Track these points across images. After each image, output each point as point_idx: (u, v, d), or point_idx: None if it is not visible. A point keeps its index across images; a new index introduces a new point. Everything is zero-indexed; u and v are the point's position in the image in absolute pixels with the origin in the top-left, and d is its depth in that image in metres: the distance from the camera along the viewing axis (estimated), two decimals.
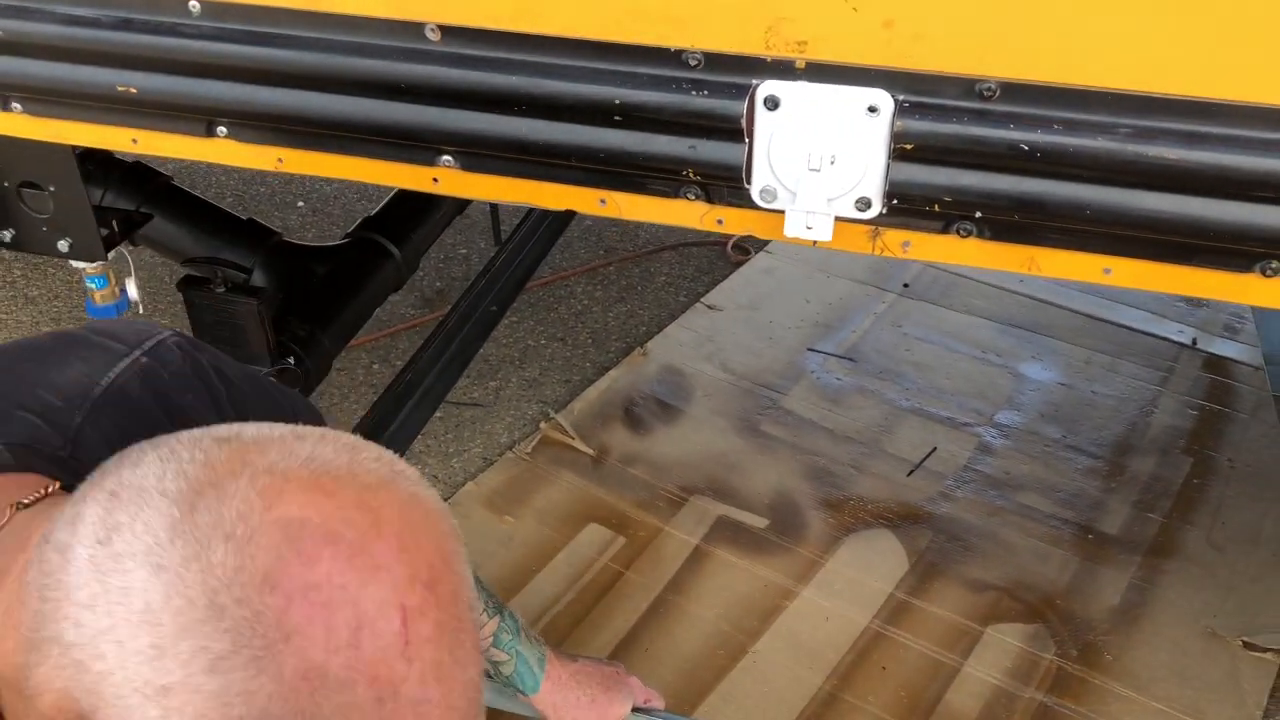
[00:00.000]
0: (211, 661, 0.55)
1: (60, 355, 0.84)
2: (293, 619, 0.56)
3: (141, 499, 0.59)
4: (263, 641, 0.56)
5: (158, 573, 0.56)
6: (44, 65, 1.08)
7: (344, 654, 0.57)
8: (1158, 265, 0.90)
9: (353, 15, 0.98)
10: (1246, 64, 0.80)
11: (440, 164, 1.03)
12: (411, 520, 0.62)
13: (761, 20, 0.87)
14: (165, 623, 0.55)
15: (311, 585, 0.57)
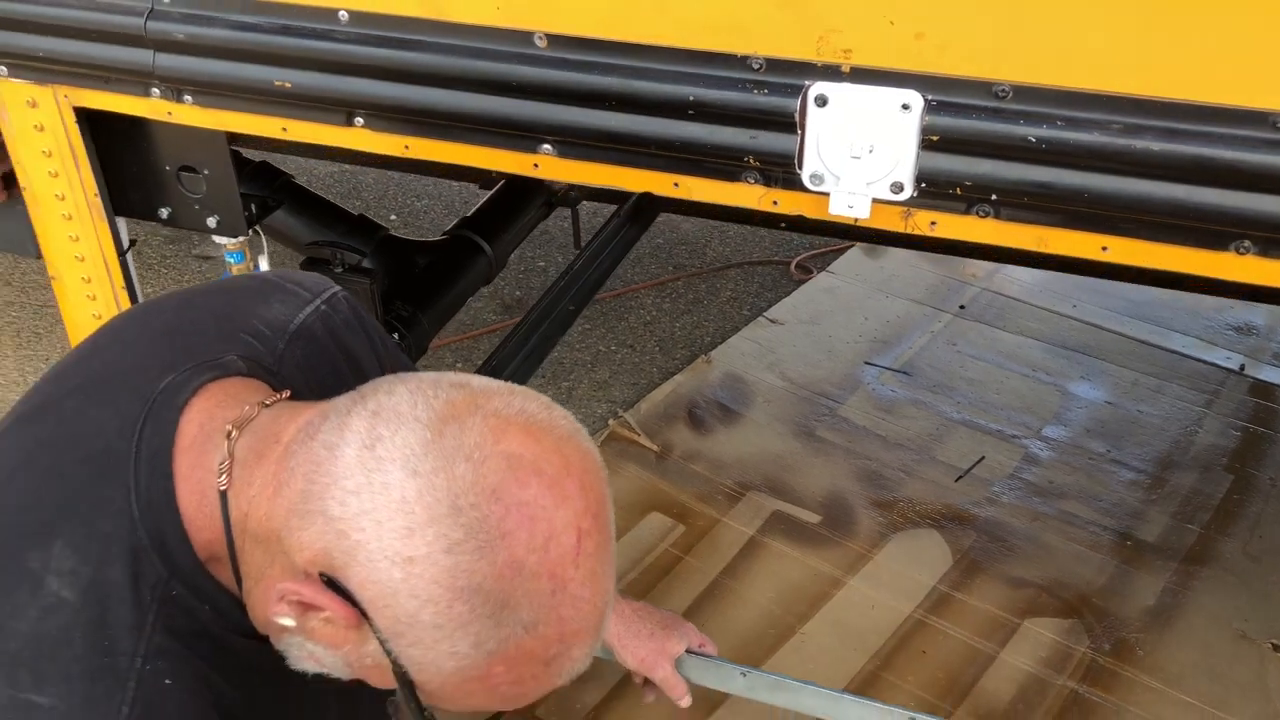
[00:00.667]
0: (449, 545, 0.76)
1: (264, 295, 1.04)
2: (508, 524, 0.77)
3: (399, 420, 0.79)
4: (486, 536, 0.76)
5: (413, 476, 0.76)
6: (215, 64, 1.29)
7: (538, 554, 0.78)
8: (1147, 244, 1.05)
9: (473, 25, 1.17)
10: (1218, 72, 0.96)
11: (540, 151, 1.22)
12: (588, 467, 0.83)
13: (814, 32, 1.05)
14: (417, 512, 0.76)
15: (523, 502, 0.77)
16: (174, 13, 1.28)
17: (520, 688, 0.82)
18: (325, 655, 0.85)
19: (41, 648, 0.80)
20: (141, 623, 0.82)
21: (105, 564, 0.82)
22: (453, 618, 0.77)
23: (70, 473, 0.87)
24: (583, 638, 0.83)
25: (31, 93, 1.43)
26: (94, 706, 0.79)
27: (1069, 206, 1.05)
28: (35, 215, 1.55)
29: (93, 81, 1.39)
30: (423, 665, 0.80)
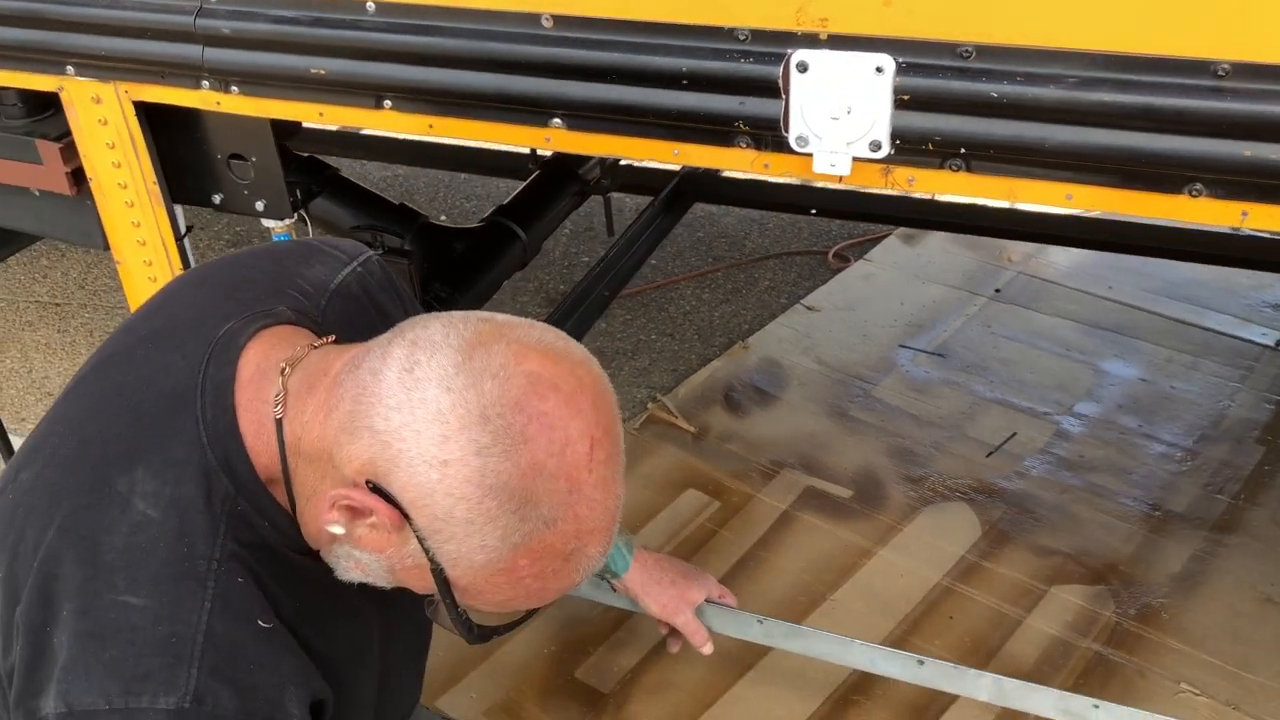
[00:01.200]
0: (479, 448, 0.87)
1: (306, 257, 1.17)
2: (530, 431, 0.88)
3: (433, 347, 0.91)
4: (510, 441, 0.88)
5: (447, 392, 0.88)
6: (257, 55, 1.41)
7: (556, 458, 0.89)
8: (1108, 190, 1.12)
9: (486, 9, 1.28)
10: (1164, 25, 1.03)
11: (551, 125, 1.32)
12: (599, 388, 0.95)
13: (793, 3, 1.14)
14: (450, 421, 0.88)
15: (543, 413, 0.89)
16: (220, 10, 1.41)
17: (542, 582, 0.93)
18: (370, 561, 0.96)
19: (133, 557, 0.93)
20: (215, 531, 0.95)
21: (181, 483, 0.95)
22: (482, 513, 0.88)
23: (146, 409, 1.00)
24: (597, 536, 0.94)
25: (96, 89, 1.57)
26: (180, 603, 0.92)
27: (1033, 157, 1.12)
28: (101, 204, 1.69)
29: (149, 77, 1.52)
30: (456, 560, 0.91)
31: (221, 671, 0.91)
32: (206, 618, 0.92)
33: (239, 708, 0.91)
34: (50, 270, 3.70)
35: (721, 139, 1.25)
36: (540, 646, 2.23)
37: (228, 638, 0.93)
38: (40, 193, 1.98)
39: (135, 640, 0.90)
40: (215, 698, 0.90)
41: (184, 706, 0.89)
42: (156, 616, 0.91)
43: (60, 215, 2.01)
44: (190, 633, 0.91)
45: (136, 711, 0.88)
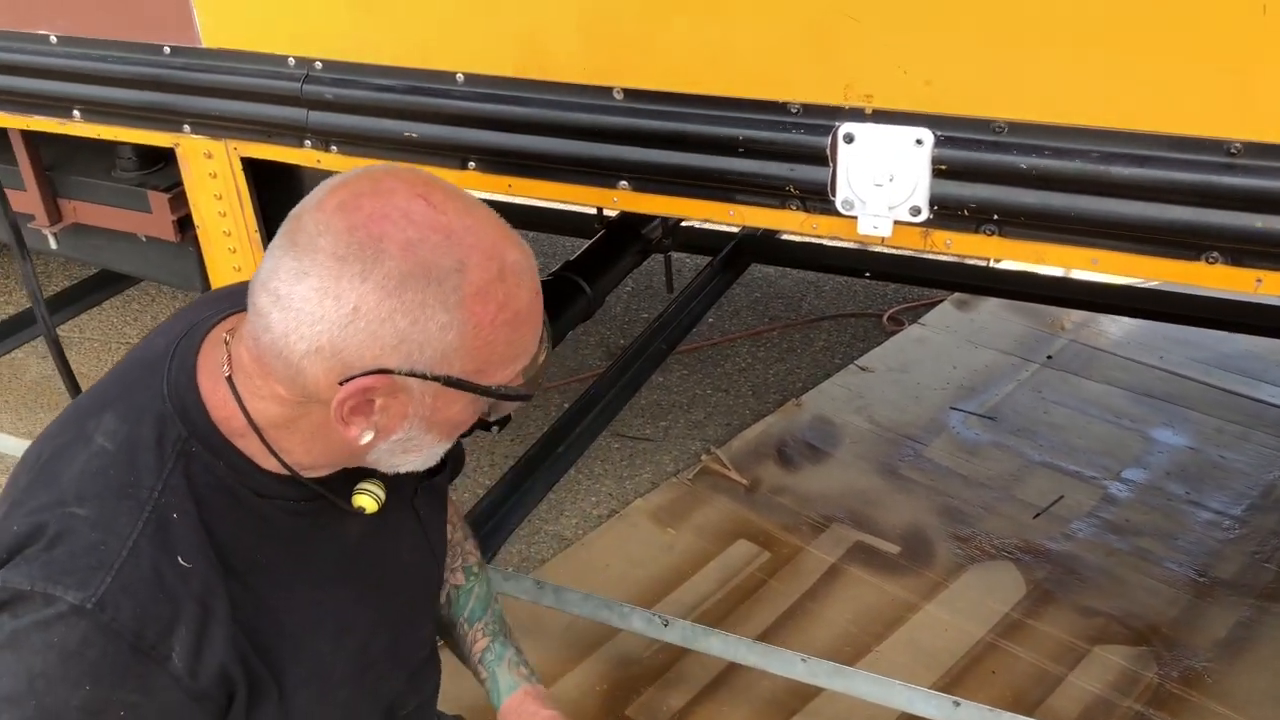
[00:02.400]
0: (360, 276, 0.95)
1: None
2: (375, 231, 0.96)
3: (269, 271, 1.00)
4: (370, 250, 0.95)
5: (302, 276, 0.96)
6: (356, 119, 1.56)
7: (412, 227, 0.97)
8: (1131, 256, 1.21)
9: (563, 82, 1.42)
10: (1180, 107, 1.13)
11: (619, 187, 1.45)
12: (396, 168, 1.04)
13: (841, 81, 1.26)
14: (326, 288, 0.95)
15: (370, 215, 0.96)
16: (325, 77, 1.56)
17: (512, 309, 1.00)
18: (409, 432, 1.05)
19: (85, 478, 1.05)
20: (161, 467, 1.06)
21: (138, 425, 1.07)
22: (412, 305, 0.96)
23: (127, 375, 1.15)
24: (501, 242, 1.02)
25: (208, 146, 1.73)
26: (118, 517, 1.03)
27: (1060, 224, 1.22)
28: (206, 249, 1.85)
29: (257, 135, 1.68)
30: (444, 355, 0.99)
31: (131, 589, 1.00)
32: (136, 537, 1.02)
33: (132, 628, 1.00)
34: (140, 314, 3.91)
35: (774, 201, 1.36)
36: (592, 685, 2.31)
37: (149, 561, 1.02)
38: (146, 238, 2.15)
39: (72, 542, 1.01)
40: (116, 609, 0.99)
41: (86, 607, 0.98)
42: (93, 524, 1.02)
43: (164, 260, 2.18)
44: (118, 545, 1.01)
45: (51, 598, 0.98)
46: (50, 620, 0.99)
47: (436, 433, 1.08)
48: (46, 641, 0.99)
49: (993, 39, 1.18)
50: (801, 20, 1.24)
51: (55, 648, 0.99)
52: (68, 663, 0.99)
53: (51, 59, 1.80)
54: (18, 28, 1.82)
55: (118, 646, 1.00)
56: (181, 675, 1.03)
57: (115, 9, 1.72)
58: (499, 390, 1.04)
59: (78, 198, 2.19)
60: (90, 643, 0.99)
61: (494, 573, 2.08)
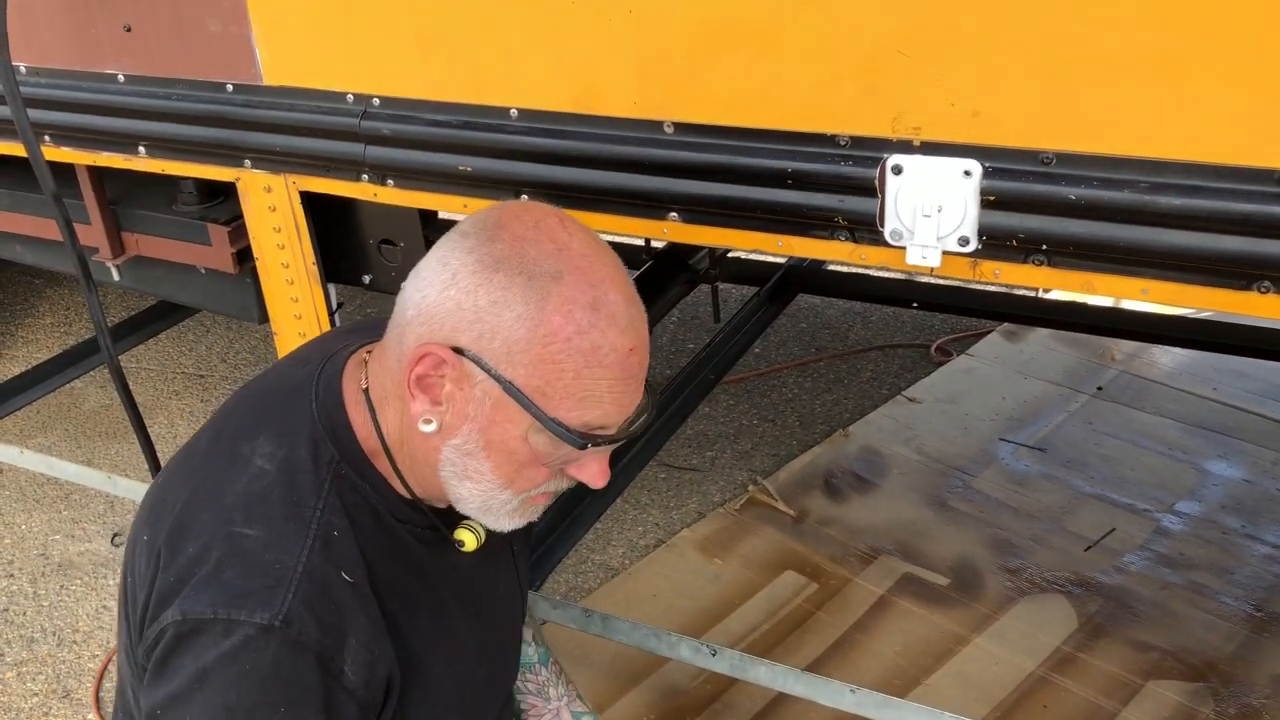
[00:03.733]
0: (467, 248, 1.04)
1: None
2: (503, 220, 1.06)
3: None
4: (488, 230, 1.05)
5: (440, 256, 1.07)
6: (412, 153, 1.60)
7: (533, 230, 1.05)
8: (1181, 286, 1.21)
9: (615, 116, 1.44)
10: (1228, 137, 1.13)
11: (668, 218, 1.47)
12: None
13: (889, 113, 1.27)
14: (445, 256, 1.06)
15: (513, 213, 1.07)
16: (382, 114, 1.61)
17: (590, 340, 1.01)
18: (467, 440, 1.06)
19: (250, 499, 1.08)
20: (320, 487, 1.10)
21: (294, 447, 1.12)
22: (497, 286, 1.01)
23: (272, 401, 1.19)
24: (611, 282, 1.04)
25: (267, 180, 1.78)
26: (287, 537, 1.06)
27: (1109, 254, 1.22)
28: (264, 281, 1.89)
29: (315, 170, 1.72)
30: (508, 353, 1.02)
31: (311, 603, 1.03)
32: (307, 554, 1.05)
33: (316, 640, 1.03)
34: (196, 344, 3.99)
35: (822, 232, 1.37)
36: (639, 715, 2.31)
37: (321, 576, 1.05)
38: (206, 270, 2.21)
39: (245, 564, 1.04)
40: (301, 624, 1.02)
41: (274, 624, 1.01)
42: (265, 545, 1.05)
43: (222, 291, 2.24)
44: (292, 563, 1.04)
45: (235, 623, 1.01)
46: (238, 649, 1.01)
47: (495, 460, 1.08)
48: (240, 671, 1.01)
49: (1040, 71, 1.19)
50: (851, 55, 1.26)
51: (249, 675, 1.01)
52: (264, 688, 1.01)
53: (119, 97, 1.86)
54: (87, 67, 1.88)
55: (306, 661, 1.02)
56: (356, 688, 1.06)
57: (180, 49, 1.77)
58: (551, 421, 1.04)
59: (140, 231, 2.26)
60: (281, 662, 1.01)
61: (542, 600, 2.10)
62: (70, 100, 1.91)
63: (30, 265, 2.72)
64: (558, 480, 1.13)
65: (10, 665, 2.60)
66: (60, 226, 1.79)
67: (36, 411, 3.56)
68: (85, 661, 2.60)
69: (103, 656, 2.61)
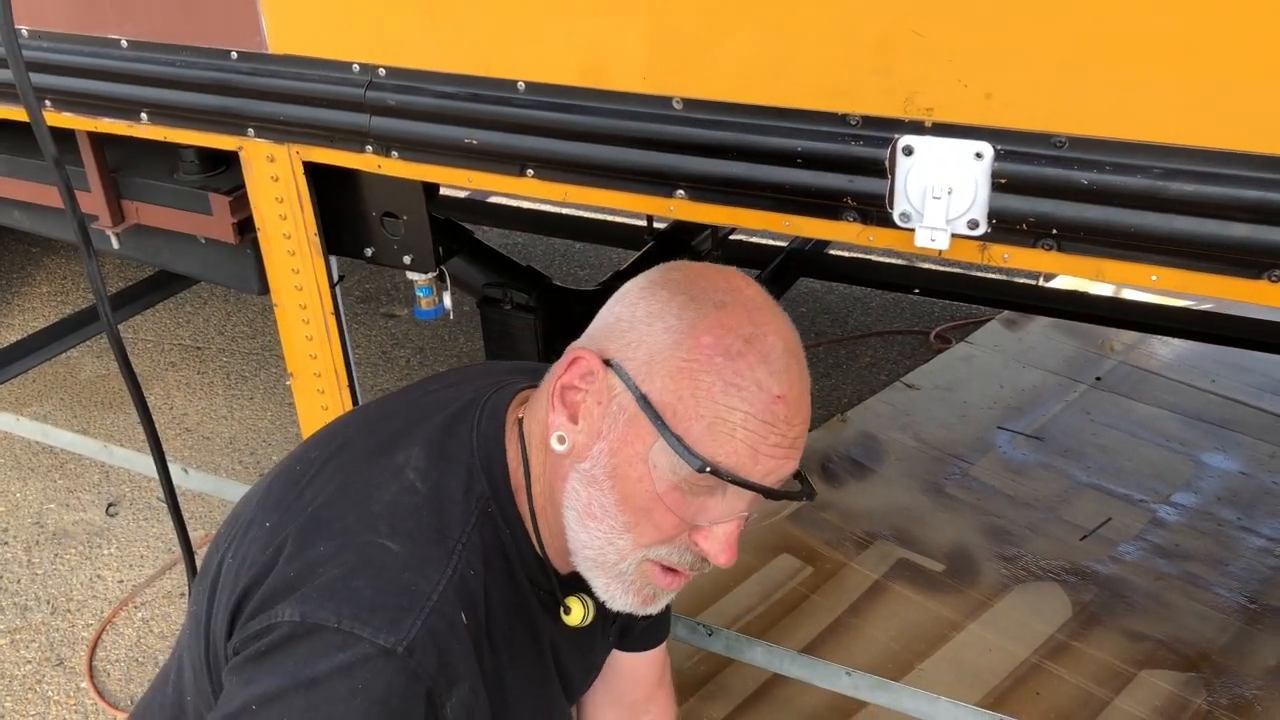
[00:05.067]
0: (649, 280, 1.07)
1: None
2: (689, 275, 1.06)
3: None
4: (672, 270, 1.08)
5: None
6: (418, 125, 1.58)
7: (711, 273, 1.06)
8: (1191, 273, 1.20)
9: (623, 91, 1.43)
10: (1243, 122, 1.13)
11: (675, 196, 1.46)
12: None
13: (901, 94, 1.26)
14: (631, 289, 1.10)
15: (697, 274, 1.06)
16: (388, 84, 1.59)
17: (735, 370, 0.96)
18: (595, 464, 1.02)
19: (397, 512, 1.04)
20: (466, 521, 1.07)
21: (448, 474, 1.08)
22: (659, 301, 1.01)
23: (433, 414, 1.15)
24: (775, 329, 1.01)
25: (270, 150, 1.76)
26: (429, 560, 1.02)
27: (1120, 240, 1.22)
28: (266, 251, 1.88)
29: (319, 140, 1.71)
30: (649, 361, 0.98)
31: (437, 635, 0.99)
32: (444, 585, 1.01)
33: (434, 674, 0.99)
34: (193, 316, 3.98)
35: (830, 213, 1.36)
36: None
37: (451, 611, 1.01)
38: (206, 240, 2.19)
39: (380, 578, 0.99)
40: (424, 655, 0.98)
41: (397, 650, 0.97)
42: (405, 564, 1.01)
43: (222, 262, 2.22)
44: (428, 589, 1.00)
45: (356, 638, 0.96)
46: (354, 664, 0.96)
47: (619, 493, 1.02)
48: (351, 688, 0.96)
49: (1054, 54, 1.18)
50: (864, 34, 1.25)
51: (360, 694, 0.96)
52: (369, 710, 0.96)
53: (122, 63, 1.84)
54: (89, 32, 1.86)
55: (417, 694, 0.98)
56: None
57: (184, 15, 1.75)
58: (674, 436, 0.97)
59: (140, 199, 2.24)
60: (394, 690, 0.97)
61: None
62: (72, 65, 1.89)
63: (28, 232, 2.70)
64: (681, 549, 1.04)
65: (4, 633, 2.60)
66: (61, 193, 1.77)
67: (32, 380, 3.55)
68: (79, 630, 2.60)
69: (96, 625, 2.60)
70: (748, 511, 1.03)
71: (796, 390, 1.01)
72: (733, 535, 1.03)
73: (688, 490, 1.00)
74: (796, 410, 1.01)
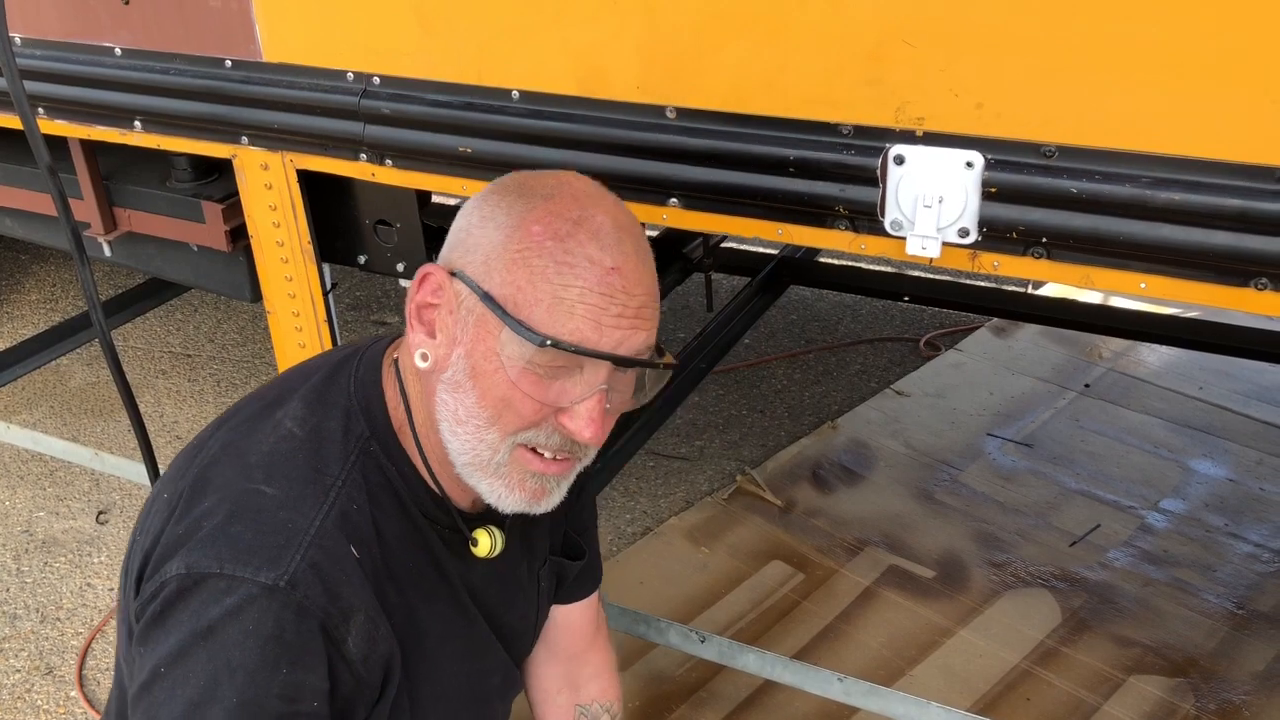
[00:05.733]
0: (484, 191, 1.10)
1: None
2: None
3: None
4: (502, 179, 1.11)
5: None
6: (413, 133, 1.60)
7: (539, 174, 1.10)
8: (1179, 281, 1.22)
9: (617, 100, 1.44)
10: (1230, 133, 1.14)
11: (669, 204, 1.47)
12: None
13: (892, 103, 1.28)
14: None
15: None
16: (382, 92, 1.60)
17: (565, 250, 1.00)
18: (456, 369, 1.05)
19: (274, 459, 1.07)
20: (346, 459, 1.09)
21: (325, 418, 1.11)
22: (489, 204, 1.06)
23: (313, 372, 1.18)
24: (600, 205, 1.04)
25: (264, 158, 1.77)
26: (305, 500, 1.05)
27: (1108, 248, 1.23)
28: (259, 259, 1.88)
29: (313, 148, 1.71)
30: (486, 260, 1.02)
31: (319, 568, 1.02)
32: (321, 519, 1.04)
33: (321, 605, 1.01)
34: (184, 324, 3.97)
35: (822, 221, 1.38)
36: (625, 702, 2.32)
37: (333, 543, 1.04)
38: (198, 248, 2.20)
39: (258, 520, 1.02)
40: (308, 587, 1.00)
41: (278, 585, 0.99)
42: (281, 504, 1.04)
43: (214, 269, 2.23)
44: (305, 525, 1.03)
45: (239, 580, 0.99)
46: (242, 606, 0.99)
47: (480, 389, 1.04)
48: (243, 630, 0.99)
49: (1044, 64, 1.19)
50: (856, 44, 1.26)
51: (252, 635, 0.99)
52: (265, 648, 0.99)
53: (115, 70, 1.85)
54: (84, 40, 1.87)
55: (310, 627, 1.01)
56: (355, 661, 1.05)
57: (179, 23, 1.76)
58: (515, 321, 1.00)
59: (133, 207, 2.24)
60: (284, 625, 1.00)
61: None
62: (66, 73, 1.89)
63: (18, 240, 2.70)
64: (549, 432, 1.06)
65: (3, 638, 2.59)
66: (55, 200, 1.77)
67: (22, 388, 3.54)
68: (68, 639, 2.59)
69: (86, 634, 2.60)
70: (606, 385, 1.05)
71: (631, 262, 1.03)
72: (594, 411, 1.04)
73: (543, 373, 1.03)
74: (635, 280, 1.03)
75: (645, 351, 1.07)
